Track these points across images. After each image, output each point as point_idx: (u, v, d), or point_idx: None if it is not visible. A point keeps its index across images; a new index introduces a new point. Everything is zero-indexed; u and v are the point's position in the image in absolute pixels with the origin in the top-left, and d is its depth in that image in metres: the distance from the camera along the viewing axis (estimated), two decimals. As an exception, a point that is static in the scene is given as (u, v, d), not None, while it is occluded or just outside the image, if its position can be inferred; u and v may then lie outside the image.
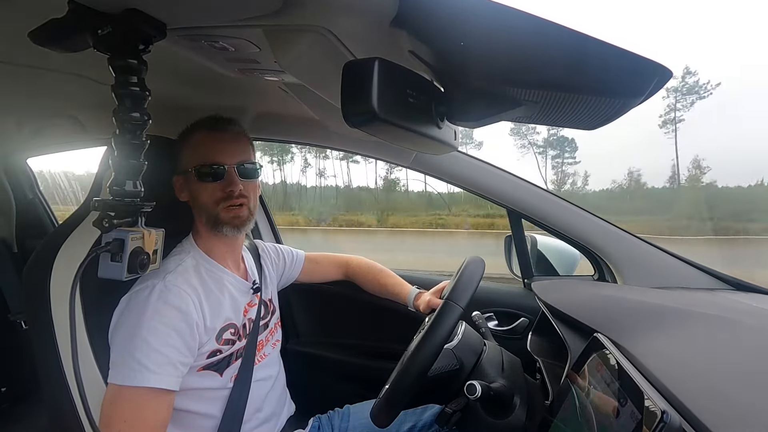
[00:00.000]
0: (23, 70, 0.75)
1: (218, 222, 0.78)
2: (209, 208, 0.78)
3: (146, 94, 0.54)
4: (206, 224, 0.79)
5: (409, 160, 1.10)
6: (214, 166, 0.76)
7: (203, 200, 0.78)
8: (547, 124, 0.51)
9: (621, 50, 0.37)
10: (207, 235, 0.82)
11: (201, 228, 0.82)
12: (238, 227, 0.79)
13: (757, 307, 0.78)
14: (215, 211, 0.78)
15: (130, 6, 0.46)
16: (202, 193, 0.78)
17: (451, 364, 0.74)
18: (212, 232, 0.80)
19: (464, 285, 0.72)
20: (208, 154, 0.77)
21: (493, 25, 0.38)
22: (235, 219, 0.78)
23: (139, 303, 0.67)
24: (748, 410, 0.44)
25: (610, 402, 0.50)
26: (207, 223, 0.79)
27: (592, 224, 1.05)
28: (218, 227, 0.78)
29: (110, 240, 0.55)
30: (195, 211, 0.81)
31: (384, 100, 0.39)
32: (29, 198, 1.69)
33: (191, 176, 0.78)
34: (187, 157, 0.79)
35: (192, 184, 0.78)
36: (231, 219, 0.78)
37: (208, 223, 0.79)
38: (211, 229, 0.79)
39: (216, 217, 0.78)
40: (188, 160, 0.79)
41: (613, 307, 0.80)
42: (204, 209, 0.78)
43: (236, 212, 0.78)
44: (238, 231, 0.80)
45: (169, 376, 0.65)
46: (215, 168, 0.77)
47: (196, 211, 0.81)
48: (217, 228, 0.78)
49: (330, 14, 0.48)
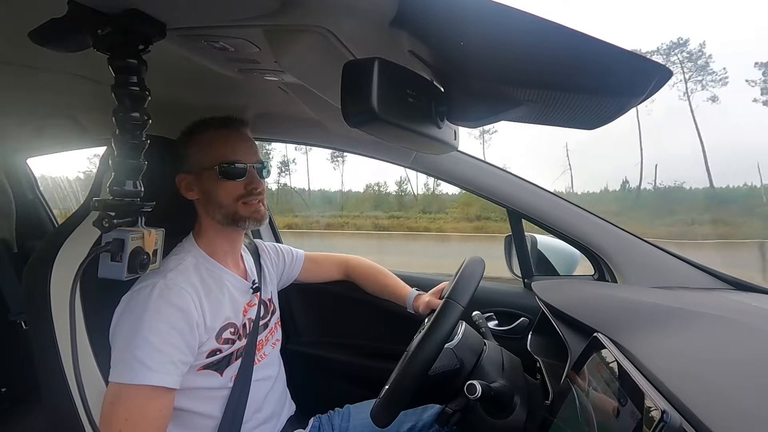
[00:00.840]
0: (23, 70, 0.75)
1: (237, 218, 0.79)
2: (228, 204, 0.79)
3: (146, 94, 0.54)
4: (222, 221, 0.80)
5: (409, 160, 1.10)
6: (236, 164, 0.78)
7: (221, 197, 0.79)
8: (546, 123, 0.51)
9: (620, 50, 0.37)
10: (211, 234, 0.82)
11: (207, 226, 0.82)
12: (259, 221, 0.82)
13: (757, 306, 0.78)
14: (234, 208, 0.79)
15: (130, 6, 0.46)
16: (221, 191, 0.79)
17: (452, 364, 0.74)
18: (222, 229, 0.81)
19: (464, 284, 0.72)
20: (229, 152, 0.79)
21: (493, 25, 0.38)
22: (256, 213, 0.81)
23: (140, 301, 0.68)
24: (749, 410, 0.44)
25: (611, 402, 0.50)
26: (224, 219, 0.80)
27: (592, 224, 1.05)
28: (237, 223, 0.80)
29: (110, 240, 0.55)
30: (207, 208, 0.81)
31: (384, 100, 0.39)
32: (29, 198, 1.69)
33: (210, 174, 0.78)
34: (198, 156, 0.79)
35: (208, 181, 0.79)
36: (252, 213, 0.80)
37: (225, 219, 0.80)
38: (227, 225, 0.80)
39: (235, 213, 0.79)
40: (203, 159, 0.79)
41: (613, 306, 0.80)
42: (221, 206, 0.79)
43: (257, 207, 0.81)
44: (259, 224, 0.83)
45: (169, 374, 0.65)
46: (237, 166, 0.78)
47: (209, 209, 0.81)
48: (236, 223, 0.80)
49: (330, 14, 0.48)
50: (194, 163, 0.80)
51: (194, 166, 0.80)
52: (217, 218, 0.80)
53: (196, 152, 0.80)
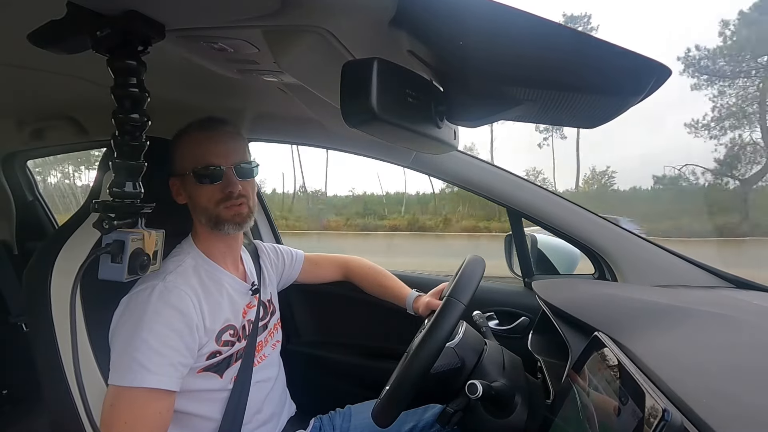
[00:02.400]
0: (22, 72, 0.75)
1: (219, 221, 0.78)
2: (209, 209, 0.77)
3: (145, 96, 0.54)
4: (207, 225, 0.79)
5: (408, 160, 1.10)
6: (210, 168, 0.76)
7: (202, 202, 0.77)
8: (546, 123, 0.51)
9: (619, 48, 0.37)
10: (206, 236, 0.82)
11: (200, 229, 0.82)
12: (240, 224, 0.79)
13: (757, 304, 0.78)
14: (215, 212, 0.77)
15: (129, 7, 0.46)
16: (201, 195, 0.77)
17: (453, 363, 0.74)
18: (213, 232, 0.80)
19: (465, 282, 0.72)
20: (203, 155, 0.76)
21: (492, 25, 0.38)
22: (236, 217, 0.78)
23: (139, 304, 0.67)
24: (750, 408, 0.43)
25: (611, 401, 0.50)
26: (208, 223, 0.79)
27: (592, 223, 1.05)
28: (220, 226, 0.78)
29: (110, 241, 0.55)
30: (194, 213, 0.81)
31: (383, 100, 0.39)
32: (29, 200, 1.69)
33: (189, 178, 0.77)
34: (181, 160, 0.79)
35: (189, 186, 0.78)
36: (232, 217, 0.78)
37: (208, 223, 0.79)
38: (212, 229, 0.79)
39: (217, 216, 0.78)
40: (184, 163, 0.78)
41: (614, 305, 0.80)
42: (203, 211, 0.78)
43: (237, 210, 0.78)
44: (240, 228, 0.80)
45: (169, 376, 0.65)
46: (212, 169, 0.76)
47: (195, 213, 0.80)
48: (218, 227, 0.78)
49: (329, 14, 0.48)
50: (179, 167, 0.79)
51: (179, 170, 0.79)
52: (203, 222, 0.79)
53: (180, 156, 0.79)
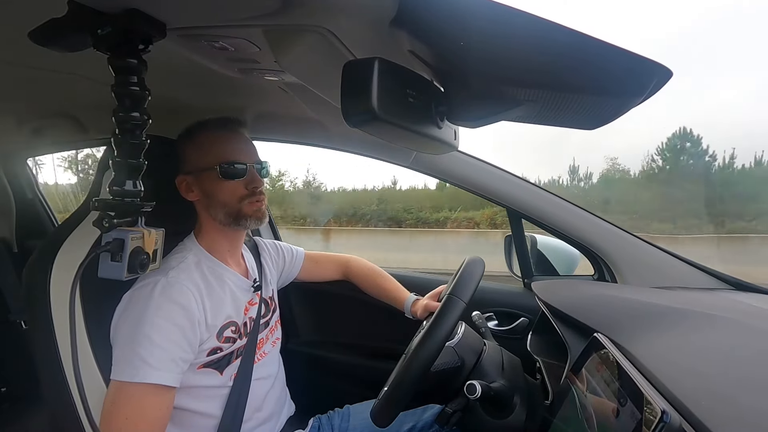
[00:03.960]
0: (23, 70, 0.75)
1: (240, 216, 0.80)
2: (230, 204, 0.80)
3: (146, 94, 0.54)
4: (224, 220, 0.80)
5: (409, 159, 1.10)
6: (236, 165, 0.79)
7: (224, 197, 0.79)
8: (546, 123, 0.51)
9: (621, 50, 0.37)
10: (211, 233, 0.82)
11: (208, 226, 0.82)
12: (261, 219, 0.83)
13: (757, 306, 0.78)
14: (237, 207, 0.80)
15: (130, 6, 0.46)
16: (223, 191, 0.79)
17: (453, 362, 0.74)
18: (223, 229, 0.82)
19: (466, 281, 0.72)
20: (230, 152, 0.79)
21: (493, 25, 0.38)
22: (258, 212, 0.82)
23: (142, 299, 0.68)
24: (748, 410, 0.44)
25: (610, 402, 0.50)
26: (226, 218, 0.80)
27: (591, 224, 1.05)
28: (240, 221, 0.80)
29: (110, 240, 0.55)
30: (209, 209, 0.81)
31: (384, 100, 0.40)
32: (29, 198, 1.69)
33: (209, 175, 0.78)
34: (199, 157, 0.80)
35: (208, 182, 0.79)
36: (254, 212, 0.81)
37: (227, 218, 0.80)
38: (230, 224, 0.81)
39: (238, 212, 0.80)
40: (204, 159, 0.79)
41: (613, 306, 0.80)
42: (224, 206, 0.80)
43: (259, 206, 0.82)
44: (260, 223, 0.83)
45: (170, 372, 0.65)
46: (238, 166, 0.79)
47: (211, 209, 0.81)
48: (238, 222, 0.80)
49: (330, 14, 0.48)
50: (193, 164, 0.80)
51: (193, 167, 0.80)
52: (219, 218, 0.80)
53: (195, 154, 0.80)
